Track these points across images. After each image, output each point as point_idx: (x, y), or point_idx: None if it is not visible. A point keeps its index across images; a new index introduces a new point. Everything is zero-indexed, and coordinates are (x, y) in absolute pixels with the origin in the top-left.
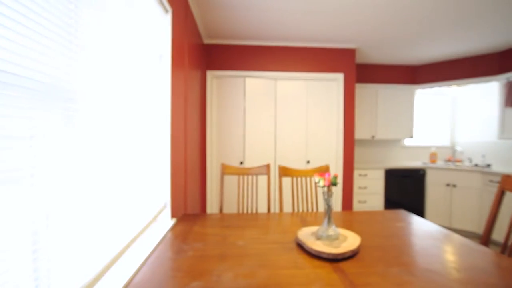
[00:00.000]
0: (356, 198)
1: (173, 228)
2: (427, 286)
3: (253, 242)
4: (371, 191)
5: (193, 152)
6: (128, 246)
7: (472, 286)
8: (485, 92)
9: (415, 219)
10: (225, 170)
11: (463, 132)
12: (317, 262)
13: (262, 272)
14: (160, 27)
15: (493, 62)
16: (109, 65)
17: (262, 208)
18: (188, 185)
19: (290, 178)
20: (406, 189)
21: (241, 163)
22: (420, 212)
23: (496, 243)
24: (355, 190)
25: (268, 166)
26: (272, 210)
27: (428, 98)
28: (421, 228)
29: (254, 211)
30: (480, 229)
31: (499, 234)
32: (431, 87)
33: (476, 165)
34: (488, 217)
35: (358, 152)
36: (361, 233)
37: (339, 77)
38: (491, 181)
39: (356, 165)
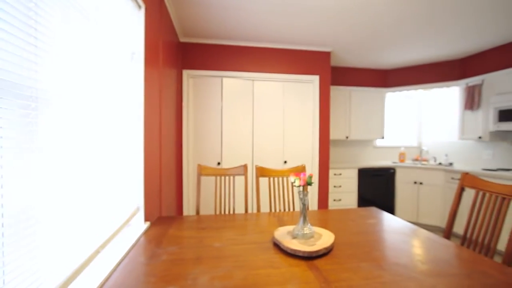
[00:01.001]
0: (331, 197)
1: (146, 232)
2: (395, 279)
3: (230, 243)
4: (345, 190)
5: (169, 153)
6: (97, 252)
7: (436, 277)
8: (448, 96)
9: (386, 215)
10: (202, 171)
11: (429, 133)
12: (293, 261)
13: (238, 273)
14: (132, 24)
15: (455, 68)
16: (76, 62)
17: (240, 209)
18: (163, 187)
19: (267, 178)
20: (377, 187)
21: (219, 163)
22: (391, 209)
23: (457, 236)
24: (331, 189)
25: (245, 166)
26: (249, 211)
27: (397, 100)
28: (390, 224)
29: (231, 212)
30: (444, 223)
31: (460, 227)
32: (400, 90)
33: (440, 163)
34: (450, 212)
35: (333, 152)
36: (335, 230)
37: (315, 79)
38: (452, 178)
39: (331, 164)
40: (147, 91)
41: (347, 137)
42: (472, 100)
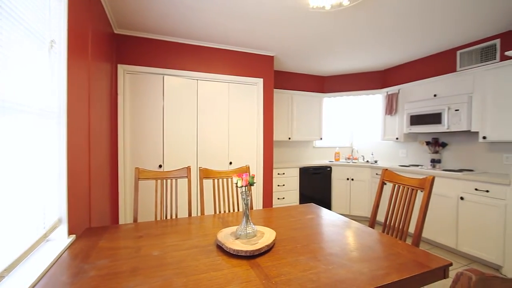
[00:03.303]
0: (275, 196)
1: (71, 246)
2: (328, 268)
3: (171, 249)
4: (288, 188)
5: (101, 156)
6: (1, 277)
7: (361, 262)
8: (373, 102)
9: (322, 210)
10: (140, 174)
11: (359, 134)
12: (235, 261)
13: (178, 281)
14: (51, 7)
15: (378, 78)
16: None
17: (183, 213)
18: (94, 194)
19: (211, 180)
20: (317, 184)
21: (160, 166)
22: (328, 204)
23: (380, 224)
24: (275, 188)
25: (188, 168)
26: (193, 214)
27: (333, 105)
28: (326, 218)
29: (174, 216)
30: (370, 214)
31: (382, 216)
32: (335, 96)
33: (367, 161)
34: (374, 203)
35: (276, 152)
36: (277, 227)
37: (259, 81)
38: (377, 174)
39: (275, 164)
40: (71, 85)
41: (289, 138)
42: (391, 107)
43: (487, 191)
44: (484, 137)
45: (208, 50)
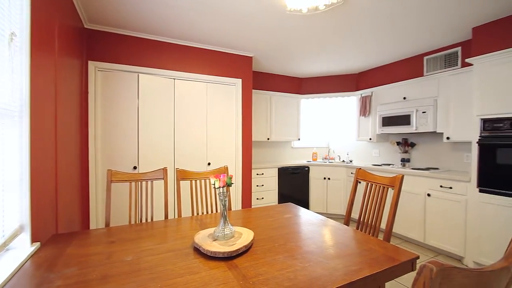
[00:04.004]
0: (254, 196)
1: (34, 254)
2: (305, 265)
3: (146, 254)
4: (267, 188)
5: (69, 157)
6: None
7: (336, 258)
8: (349, 104)
9: (300, 209)
10: (113, 177)
11: (335, 135)
12: (213, 263)
13: (152, 286)
14: None
15: (353, 81)
16: None
17: (159, 216)
18: (61, 198)
19: (189, 181)
20: (295, 184)
21: (135, 168)
22: (306, 202)
23: (355, 221)
24: (254, 188)
25: (165, 170)
26: (170, 217)
27: (310, 106)
28: (304, 217)
29: (149, 220)
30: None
31: (357, 214)
32: (312, 97)
33: (343, 161)
34: (348, 201)
35: (255, 153)
36: (255, 227)
37: (238, 82)
38: (352, 173)
39: (254, 165)
40: (35, 82)
41: (268, 139)
42: (365, 108)
43: (451, 187)
44: (447, 138)
45: (186, 49)
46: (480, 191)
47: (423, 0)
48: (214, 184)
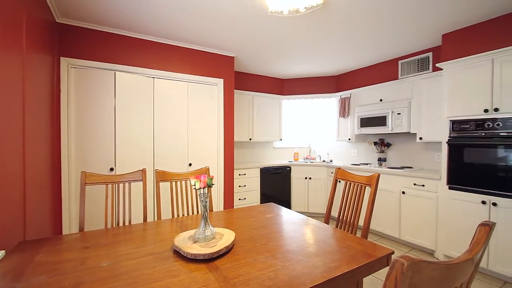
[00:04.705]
0: (237, 196)
1: None
2: (285, 264)
3: (123, 259)
4: (249, 188)
5: (39, 159)
6: None
7: (316, 256)
8: (329, 105)
9: (282, 209)
10: (87, 179)
11: (316, 135)
12: (193, 266)
13: None
14: None
15: (333, 83)
16: None
17: (138, 219)
18: (30, 203)
19: (169, 183)
20: (277, 184)
21: (112, 169)
22: (288, 202)
23: (335, 219)
24: (236, 189)
25: (143, 171)
26: (150, 219)
27: (292, 107)
28: (285, 216)
29: (127, 223)
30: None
31: (337, 212)
32: (294, 98)
33: (324, 161)
34: (328, 200)
35: (237, 153)
36: (237, 228)
37: (220, 82)
38: (332, 172)
39: (236, 165)
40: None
41: (250, 139)
42: (344, 110)
43: (423, 185)
44: (420, 138)
45: (166, 47)
46: (450, 188)
47: (397, 8)
48: (194, 185)
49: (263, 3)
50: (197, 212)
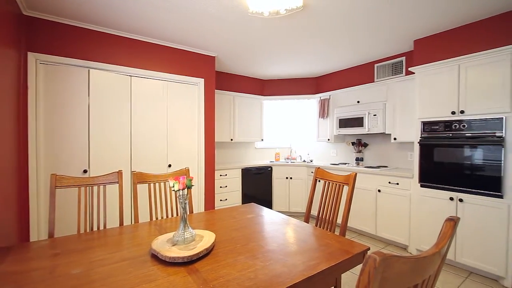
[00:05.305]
0: (218, 197)
1: None
2: (265, 264)
3: (96, 265)
4: (231, 189)
5: (3, 162)
6: None
7: (296, 255)
8: (309, 106)
9: (263, 209)
10: (58, 182)
11: (297, 135)
12: (172, 269)
13: None
14: None
15: (313, 84)
16: None
17: (114, 223)
18: None
19: (147, 184)
20: (258, 184)
21: (85, 171)
22: (270, 202)
23: (315, 218)
24: (217, 189)
25: (119, 173)
26: (127, 223)
27: (273, 107)
28: (266, 216)
29: (102, 227)
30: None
31: (316, 211)
32: (275, 99)
33: (304, 161)
34: (308, 199)
35: (219, 154)
36: (217, 229)
37: (200, 81)
38: (312, 172)
39: (217, 166)
40: None
41: (231, 139)
42: (323, 111)
43: (398, 183)
44: (395, 138)
45: (145, 45)
46: (421, 186)
47: (372, 14)
48: (173, 187)
49: (243, 4)
50: (177, 215)
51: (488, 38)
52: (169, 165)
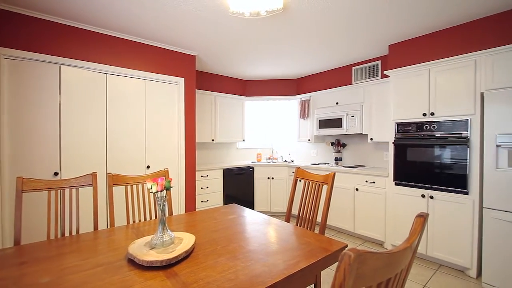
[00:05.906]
0: (199, 199)
1: None
2: (246, 264)
3: (68, 272)
4: (212, 190)
5: None
6: None
7: (277, 254)
8: (290, 107)
9: (244, 210)
10: (25, 185)
11: (278, 136)
12: (149, 274)
13: None
14: None
15: (293, 85)
16: None
17: (88, 227)
18: None
19: (123, 187)
20: (240, 185)
21: (56, 174)
22: (251, 203)
23: (295, 217)
24: (198, 190)
25: (94, 175)
26: (102, 227)
27: (254, 108)
28: (248, 217)
29: (74, 233)
30: None
31: (297, 210)
32: (256, 99)
33: (285, 161)
34: (289, 199)
35: (200, 154)
36: (198, 231)
37: (180, 81)
38: (293, 172)
39: (198, 167)
40: None
41: (213, 140)
42: (304, 111)
43: (374, 182)
44: (371, 139)
45: (121, 41)
46: (396, 184)
47: (349, 20)
48: (151, 189)
49: (224, 4)
50: (155, 217)
51: (455, 45)
52: (148, 167)
